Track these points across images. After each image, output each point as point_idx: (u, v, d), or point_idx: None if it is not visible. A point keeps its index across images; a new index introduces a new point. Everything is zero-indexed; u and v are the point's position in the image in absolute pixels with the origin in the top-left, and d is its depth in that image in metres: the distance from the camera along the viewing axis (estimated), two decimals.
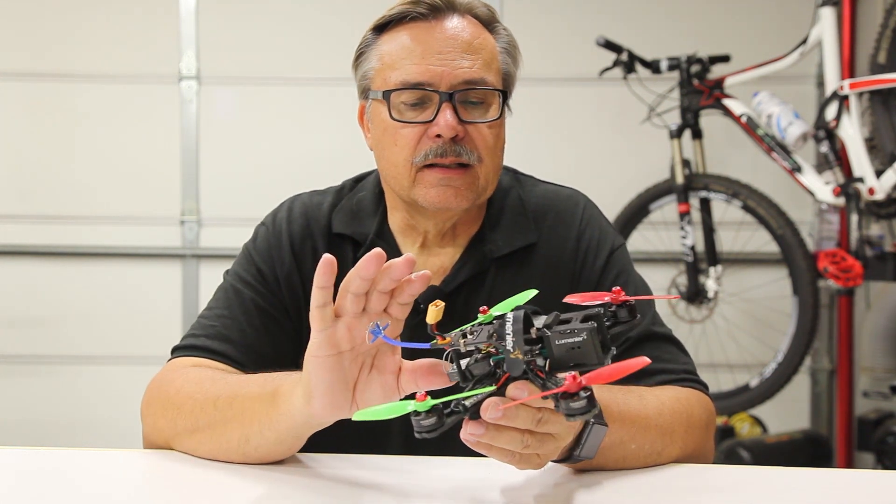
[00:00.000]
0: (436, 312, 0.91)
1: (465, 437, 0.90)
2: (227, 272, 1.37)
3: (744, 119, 2.92)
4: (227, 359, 1.26)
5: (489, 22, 1.31)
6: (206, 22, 3.40)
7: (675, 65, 3.02)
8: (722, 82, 2.98)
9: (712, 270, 2.98)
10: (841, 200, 2.76)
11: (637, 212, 3.13)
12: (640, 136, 3.23)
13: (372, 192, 1.38)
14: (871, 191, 2.66)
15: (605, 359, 0.84)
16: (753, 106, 2.91)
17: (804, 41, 2.86)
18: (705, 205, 3.02)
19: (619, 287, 0.91)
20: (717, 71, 3.05)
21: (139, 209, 3.41)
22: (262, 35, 3.41)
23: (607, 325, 0.88)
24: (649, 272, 1.81)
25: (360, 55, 1.32)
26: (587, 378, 0.80)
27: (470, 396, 0.87)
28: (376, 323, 0.93)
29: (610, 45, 3.01)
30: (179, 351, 1.28)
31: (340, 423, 1.03)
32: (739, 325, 3.28)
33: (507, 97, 1.31)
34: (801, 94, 3.30)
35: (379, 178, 1.37)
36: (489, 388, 0.88)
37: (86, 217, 3.41)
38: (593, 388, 0.81)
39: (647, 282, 1.40)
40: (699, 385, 1.28)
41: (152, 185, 3.42)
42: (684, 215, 2.98)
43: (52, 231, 3.41)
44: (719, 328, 3.23)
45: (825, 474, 1.25)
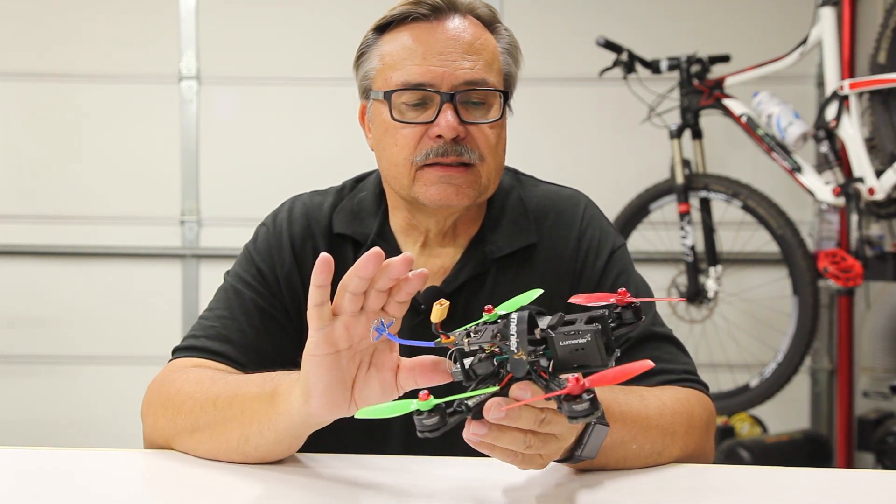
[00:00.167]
0: (440, 311, 0.91)
1: (467, 437, 0.90)
2: (227, 273, 1.37)
3: (744, 119, 2.92)
4: (228, 359, 1.26)
5: (490, 22, 1.31)
6: (206, 22, 3.40)
7: (675, 65, 3.02)
8: (722, 82, 2.98)
9: (712, 270, 2.98)
10: (841, 200, 2.76)
11: (637, 212, 3.13)
12: (640, 136, 3.23)
13: (373, 192, 1.38)
14: (871, 191, 2.66)
15: (609, 361, 0.84)
16: (753, 106, 2.91)
17: (804, 41, 2.86)
18: (705, 205, 3.02)
19: (623, 288, 0.91)
20: (717, 71, 3.05)
21: (139, 209, 3.42)
22: (262, 35, 3.41)
23: (612, 326, 0.88)
24: (649, 272, 1.81)
25: (361, 55, 1.32)
26: (591, 380, 0.80)
27: (473, 396, 0.87)
28: (380, 321, 0.93)
29: (610, 45, 3.01)
30: (180, 352, 1.28)
31: (341, 422, 1.03)
32: (739, 325, 3.28)
33: (508, 98, 1.31)
34: (801, 94, 3.30)
35: (380, 178, 1.37)
36: (492, 388, 0.87)
37: (86, 217, 3.41)
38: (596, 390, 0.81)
39: (648, 282, 1.40)
40: (700, 385, 1.28)
41: (152, 185, 3.42)
42: (684, 215, 2.98)
43: (52, 231, 3.41)
44: (719, 328, 3.23)
45: (825, 474, 1.25)
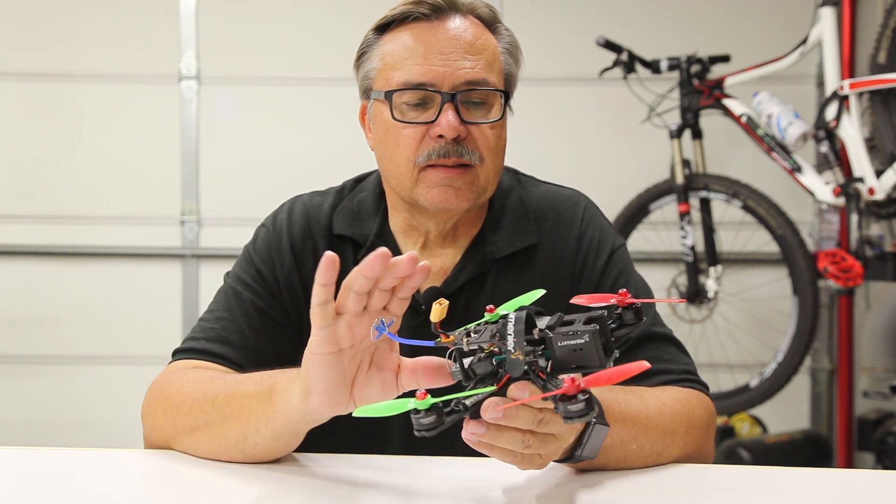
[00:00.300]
0: (440, 311, 0.91)
1: (466, 437, 0.90)
2: (227, 274, 1.37)
3: (744, 119, 2.92)
4: (227, 361, 1.26)
5: (491, 22, 1.31)
6: (206, 22, 3.40)
7: (675, 65, 3.02)
8: (722, 82, 2.98)
9: (712, 270, 2.98)
10: (841, 200, 2.76)
11: (637, 212, 3.13)
12: (640, 136, 3.23)
13: (372, 192, 1.38)
14: (871, 191, 2.66)
15: (608, 362, 0.84)
16: (753, 106, 2.91)
17: (804, 41, 2.86)
18: (705, 205, 3.02)
19: (624, 289, 0.91)
20: (717, 71, 3.05)
21: (139, 209, 3.42)
22: (262, 35, 3.41)
23: (612, 326, 0.88)
24: (649, 272, 1.81)
25: (361, 55, 1.32)
26: (586, 381, 0.80)
27: (470, 396, 0.87)
28: (381, 320, 0.93)
29: (610, 45, 3.01)
30: (180, 354, 1.28)
31: (341, 422, 1.03)
32: (739, 325, 3.28)
33: (508, 98, 1.31)
34: (801, 94, 3.30)
35: (379, 178, 1.37)
36: (490, 388, 0.88)
37: (86, 217, 3.41)
38: (593, 390, 0.81)
39: (648, 282, 1.40)
40: (700, 385, 1.28)
41: (152, 185, 3.42)
42: (684, 215, 2.98)
43: (52, 231, 3.41)
44: (719, 328, 3.23)
45: (825, 474, 1.25)
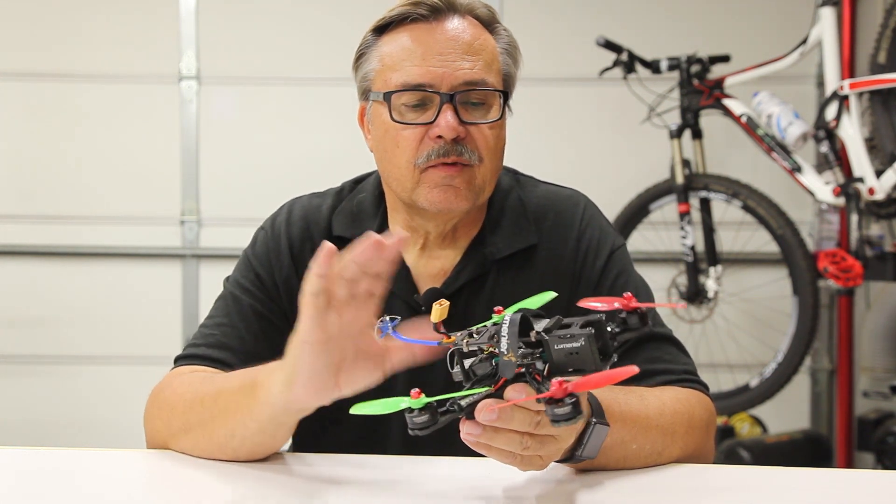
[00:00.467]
0: (440, 311, 0.91)
1: (463, 437, 0.90)
2: (226, 279, 1.37)
3: (744, 119, 2.92)
4: (227, 366, 1.26)
5: (489, 22, 1.30)
6: (206, 22, 3.40)
7: (675, 65, 3.02)
8: (722, 82, 2.98)
9: (712, 270, 2.98)
10: (841, 200, 2.76)
11: (637, 212, 3.12)
12: (640, 136, 3.23)
13: (372, 193, 1.38)
14: (871, 191, 2.66)
15: (604, 365, 0.84)
16: (753, 106, 2.91)
17: (804, 41, 2.86)
18: (705, 205, 3.02)
19: (624, 290, 0.91)
20: (717, 71, 3.05)
21: (139, 209, 3.41)
22: (262, 35, 3.41)
23: (617, 331, 0.88)
24: (649, 272, 1.81)
25: (360, 56, 1.32)
26: (574, 384, 0.79)
27: (466, 396, 0.87)
28: (385, 319, 0.94)
29: (610, 45, 3.01)
30: (181, 360, 1.28)
31: (340, 422, 1.03)
32: (739, 325, 3.28)
33: (507, 98, 1.30)
34: (801, 94, 3.30)
35: (379, 179, 1.37)
36: (485, 389, 0.88)
37: (86, 217, 3.41)
38: (595, 390, 0.81)
39: (648, 282, 1.39)
40: (700, 385, 1.28)
41: (152, 185, 3.42)
42: (684, 215, 2.98)
43: (52, 231, 3.41)
44: (719, 328, 3.23)
45: (825, 474, 1.25)
